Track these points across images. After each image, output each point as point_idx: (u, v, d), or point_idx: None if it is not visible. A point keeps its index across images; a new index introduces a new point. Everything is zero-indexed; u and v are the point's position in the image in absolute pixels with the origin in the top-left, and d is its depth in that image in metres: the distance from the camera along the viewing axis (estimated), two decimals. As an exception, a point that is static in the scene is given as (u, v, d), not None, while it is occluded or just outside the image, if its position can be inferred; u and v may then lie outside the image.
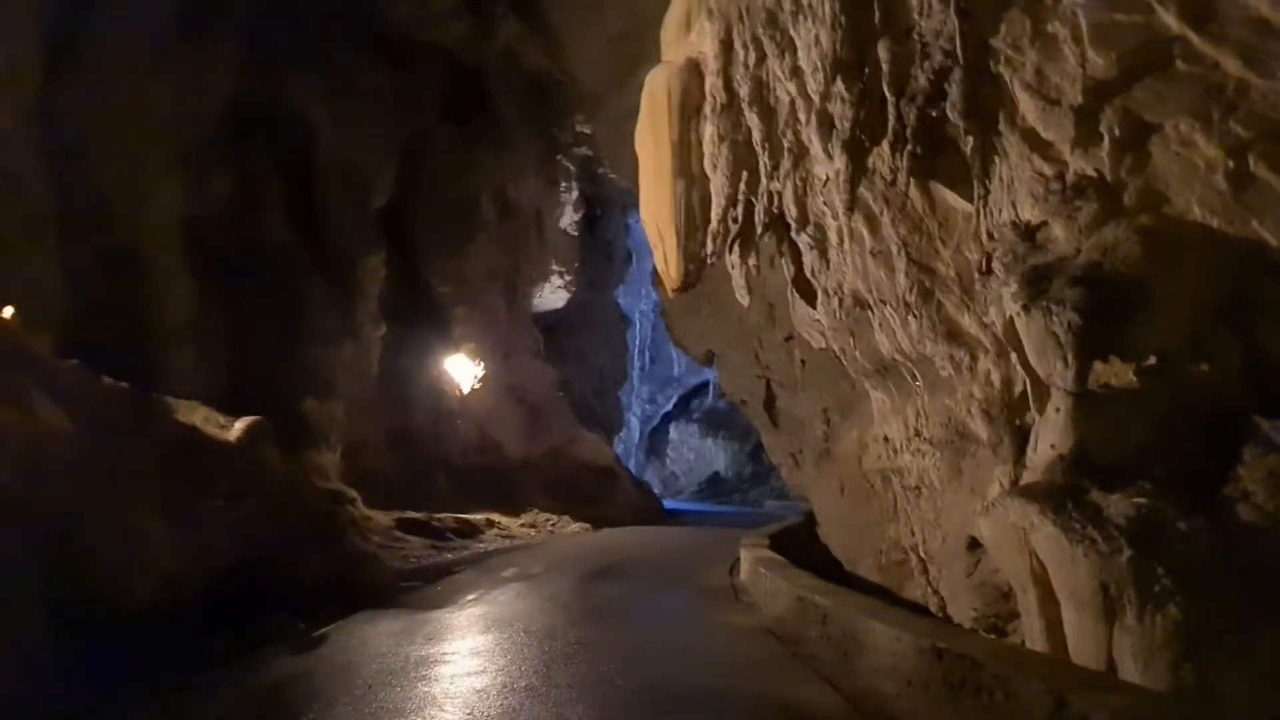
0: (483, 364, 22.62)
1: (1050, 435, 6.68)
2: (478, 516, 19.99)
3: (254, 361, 16.09)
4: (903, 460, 9.33)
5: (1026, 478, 7.49)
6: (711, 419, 47.24)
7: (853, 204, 8.08)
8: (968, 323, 8.01)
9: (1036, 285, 6.70)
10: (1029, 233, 7.22)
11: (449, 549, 16.91)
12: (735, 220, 9.26)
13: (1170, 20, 6.34)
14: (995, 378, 7.71)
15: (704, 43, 9.51)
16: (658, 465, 46.72)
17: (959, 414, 8.15)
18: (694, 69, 9.69)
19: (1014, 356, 7.24)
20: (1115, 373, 6.47)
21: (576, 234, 28.38)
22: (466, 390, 22.34)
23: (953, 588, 8.53)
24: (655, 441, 48.42)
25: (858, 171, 7.96)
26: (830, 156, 8.01)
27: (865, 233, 8.52)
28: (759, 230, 9.18)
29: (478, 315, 23.20)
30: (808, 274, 9.32)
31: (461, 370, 22.43)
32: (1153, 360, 6.35)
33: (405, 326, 21.73)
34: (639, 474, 38.70)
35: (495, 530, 19.83)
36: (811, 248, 8.90)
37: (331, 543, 9.71)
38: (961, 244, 8.15)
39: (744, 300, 9.62)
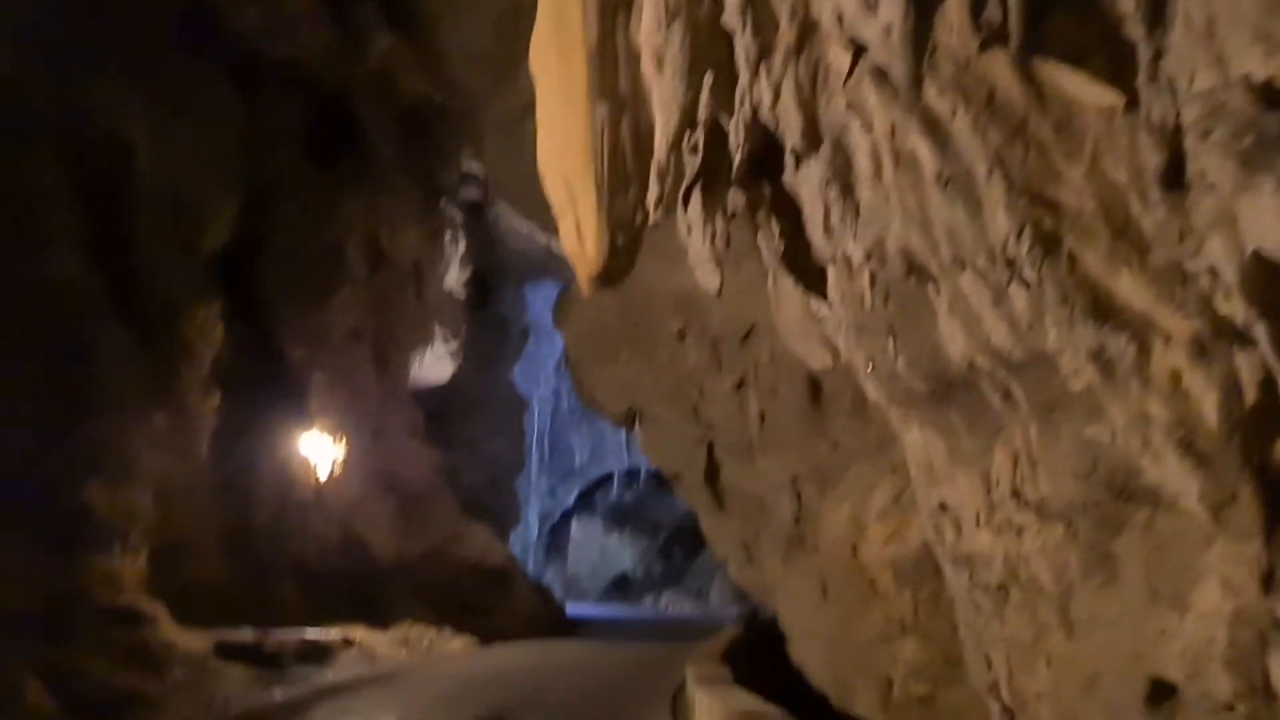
0: (345, 442, 18.41)
1: None
2: (333, 634, 15.67)
3: (6, 430, 11.80)
4: (977, 542, 5.66)
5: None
6: (616, 513, 43.64)
7: (919, 77, 4.60)
8: (1128, 286, 4.46)
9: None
10: (1273, 97, 3.76)
11: (283, 682, 12.66)
12: (694, 150, 5.67)
13: None
14: (1200, 379, 4.14)
15: (638, -114, 6.03)
16: (559, 565, 42.52)
17: (1116, 453, 4.55)
18: (621, -67, 6.19)
19: (1261, 329, 3.81)
20: None
21: (464, 297, 24.57)
22: (324, 476, 18.07)
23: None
24: (556, 539, 44.28)
25: (924, 21, 4.53)
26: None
27: (925, 148, 4.97)
28: (736, 161, 5.57)
29: (340, 384, 19.07)
30: (811, 237, 5.71)
31: (318, 451, 18.17)
32: None
33: (247, 397, 17.48)
34: (539, 575, 34.51)
35: (354, 651, 15.55)
36: (828, 183, 5.29)
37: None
38: (1102, 156, 4.65)
39: (712, 283, 5.94)
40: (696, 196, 5.71)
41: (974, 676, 6.09)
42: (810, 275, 5.92)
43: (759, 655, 11.16)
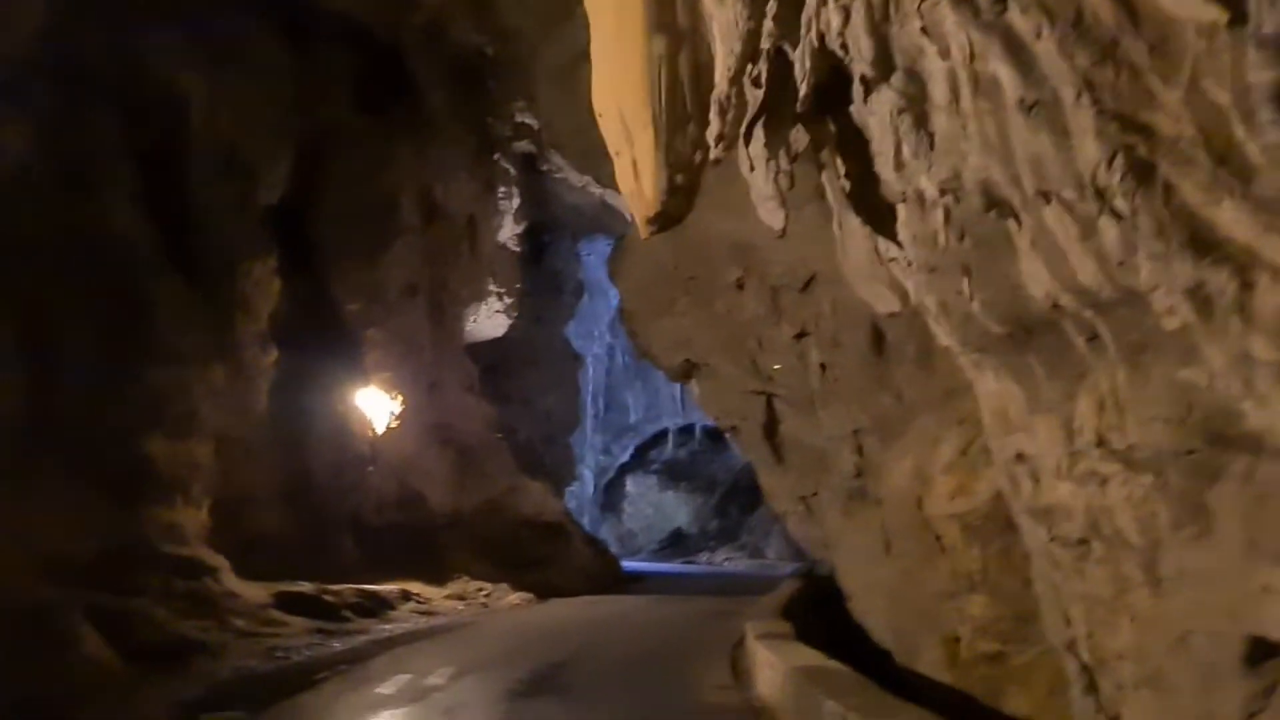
0: (401, 397, 18.42)
1: None
2: (390, 588, 15.77)
3: (67, 383, 11.88)
4: (1057, 494, 5.38)
5: None
6: (672, 470, 43.58)
7: (1004, -6, 4.28)
8: (1230, 217, 4.13)
9: None
10: None
11: (342, 634, 12.73)
12: (757, 82, 5.37)
13: None
14: (1310, 315, 3.82)
15: None
16: (614, 521, 42.63)
17: (1214, 397, 4.24)
18: None
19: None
20: None
21: (519, 250, 24.40)
22: (381, 430, 18.12)
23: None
24: (611, 496, 44.35)
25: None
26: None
27: (1007, 72, 4.64)
28: (801, 94, 5.27)
29: (396, 339, 19.07)
30: (880, 172, 5.41)
31: (375, 406, 18.22)
32: None
33: (305, 352, 17.52)
34: (594, 531, 34.57)
35: (411, 604, 15.63)
36: (901, 113, 4.99)
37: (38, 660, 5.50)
38: (1202, 77, 4.29)
39: (775, 221, 5.67)
40: (759, 132, 5.42)
41: (1050, 634, 5.84)
42: (879, 213, 5.62)
43: (819, 611, 10.98)
